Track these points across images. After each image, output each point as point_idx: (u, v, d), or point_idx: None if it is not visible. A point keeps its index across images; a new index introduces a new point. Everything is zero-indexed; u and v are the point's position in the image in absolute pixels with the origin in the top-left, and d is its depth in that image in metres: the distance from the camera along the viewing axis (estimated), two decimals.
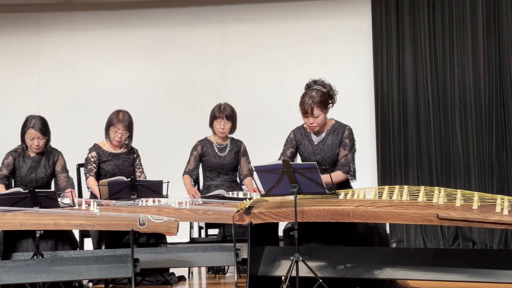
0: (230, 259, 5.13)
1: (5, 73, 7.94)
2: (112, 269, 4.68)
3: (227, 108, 6.20)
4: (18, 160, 5.54)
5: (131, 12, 7.99)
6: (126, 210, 5.02)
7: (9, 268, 4.57)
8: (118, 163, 5.94)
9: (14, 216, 4.68)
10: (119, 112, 5.94)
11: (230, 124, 6.20)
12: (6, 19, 7.99)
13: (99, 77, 7.95)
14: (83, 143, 6.20)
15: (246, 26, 7.91)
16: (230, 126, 6.21)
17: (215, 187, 6.11)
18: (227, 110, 6.18)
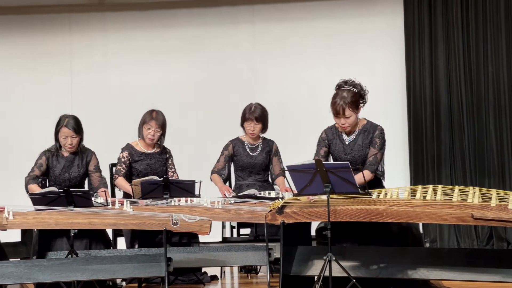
0: (263, 259, 5.12)
1: (38, 73, 8.02)
2: (145, 268, 4.70)
3: (257, 109, 6.19)
4: (51, 159, 5.59)
5: (162, 12, 8.03)
6: (159, 210, 5.04)
7: (44, 267, 4.61)
8: (150, 162, 5.97)
9: (49, 215, 4.72)
10: (153, 111, 5.98)
11: (260, 125, 6.20)
12: (39, 20, 8.07)
13: (131, 77, 7.99)
14: (115, 143, 6.24)
15: (277, 25, 7.90)
16: (261, 127, 6.21)
17: (246, 186, 6.11)
18: (257, 111, 6.17)
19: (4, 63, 8.02)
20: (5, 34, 8.02)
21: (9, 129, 7.93)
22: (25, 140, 7.78)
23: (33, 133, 7.75)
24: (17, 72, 8.02)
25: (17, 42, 8.02)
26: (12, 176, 6.32)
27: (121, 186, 5.89)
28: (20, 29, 8.02)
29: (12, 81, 8.01)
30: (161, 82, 7.94)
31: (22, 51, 8.02)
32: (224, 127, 7.40)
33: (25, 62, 8.02)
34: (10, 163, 7.34)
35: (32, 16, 8.05)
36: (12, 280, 4.57)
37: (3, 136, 7.85)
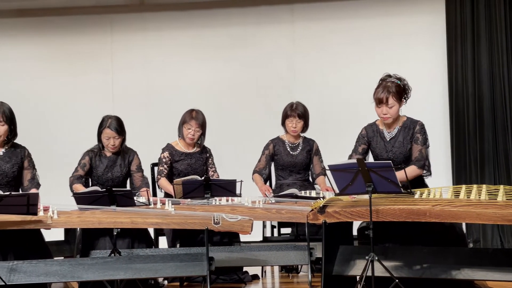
0: (304, 258, 5.11)
1: (80, 74, 8.10)
2: (187, 267, 4.72)
3: (299, 106, 6.19)
4: (94, 159, 5.64)
5: (202, 12, 8.05)
6: (200, 209, 5.05)
7: (88, 265, 4.65)
8: (191, 162, 5.99)
9: (93, 215, 4.76)
10: (193, 111, 6.00)
11: (302, 122, 6.19)
12: (81, 21, 8.15)
13: (171, 77, 8.03)
14: (157, 143, 6.27)
15: (317, 24, 7.87)
16: (302, 125, 6.20)
17: (287, 186, 6.11)
18: (299, 108, 6.18)
19: (46, 64, 8.12)
20: (48, 35, 8.12)
21: (52, 129, 8.03)
22: (68, 140, 7.87)
23: (75, 133, 7.83)
24: (59, 72, 8.11)
25: (59, 43, 8.12)
26: (55, 176, 6.38)
27: (164, 187, 5.93)
28: (62, 30, 8.11)
29: (54, 81, 8.10)
30: (200, 81, 7.97)
31: (64, 52, 8.10)
32: (263, 127, 7.41)
33: (66, 62, 8.11)
34: (53, 163, 7.42)
35: (73, 17, 8.13)
36: (56, 279, 4.61)
37: (47, 136, 7.95)
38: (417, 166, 4.97)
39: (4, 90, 7.86)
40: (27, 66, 8.12)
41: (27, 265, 4.57)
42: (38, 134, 7.70)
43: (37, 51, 8.12)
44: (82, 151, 5.74)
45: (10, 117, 5.07)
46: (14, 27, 8.14)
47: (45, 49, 8.12)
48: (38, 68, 8.12)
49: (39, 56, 8.12)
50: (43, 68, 8.12)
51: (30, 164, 5.18)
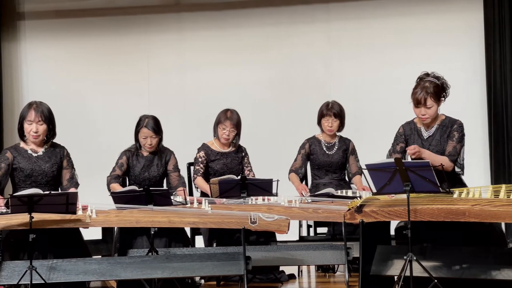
0: (341, 258, 5.09)
1: (116, 74, 8.17)
2: (224, 267, 4.72)
3: (335, 106, 6.18)
4: (132, 159, 5.68)
5: (237, 12, 8.07)
6: (237, 209, 5.06)
7: (126, 264, 4.68)
8: (226, 161, 6.01)
9: (130, 214, 4.78)
10: (228, 111, 6.01)
11: (338, 121, 6.17)
12: (117, 21, 8.22)
13: (206, 77, 8.06)
14: (192, 142, 6.29)
15: (352, 23, 7.85)
16: (338, 124, 6.19)
17: (323, 185, 6.10)
18: (335, 107, 6.16)
19: (83, 64, 8.20)
20: (85, 36, 8.20)
21: (90, 129, 8.11)
22: (105, 140, 7.94)
23: (112, 133, 7.90)
24: (96, 73, 8.18)
25: (95, 43, 8.19)
26: (93, 175, 6.45)
27: (200, 187, 5.94)
28: (99, 31, 8.19)
29: (91, 82, 8.18)
30: (236, 81, 7.98)
31: (101, 52, 8.18)
32: (299, 126, 7.40)
33: (103, 63, 8.18)
34: (91, 162, 7.49)
35: (110, 18, 8.20)
36: (95, 277, 4.65)
37: (84, 136, 8.03)
38: (449, 159, 4.93)
39: (43, 91, 7.96)
40: (65, 67, 8.21)
41: (66, 264, 4.61)
42: (76, 134, 7.77)
43: (75, 52, 8.20)
44: (119, 150, 5.78)
45: (49, 117, 5.11)
46: (51, 28, 8.23)
47: (82, 50, 8.20)
48: (75, 68, 8.20)
49: (77, 57, 8.20)
50: (80, 69, 8.20)
51: (69, 163, 5.22)
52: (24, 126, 5.09)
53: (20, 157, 5.07)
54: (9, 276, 4.54)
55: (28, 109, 5.08)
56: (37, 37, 8.22)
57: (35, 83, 8.22)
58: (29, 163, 5.06)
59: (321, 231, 6.44)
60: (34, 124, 5.05)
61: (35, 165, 5.07)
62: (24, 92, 8.24)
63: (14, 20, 8.22)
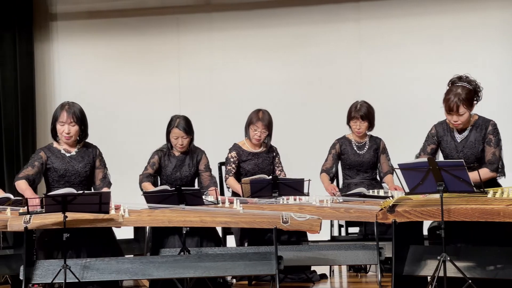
0: (373, 258, 5.06)
1: (148, 74, 8.21)
2: (256, 266, 4.72)
3: (362, 108, 6.14)
4: (163, 159, 5.70)
5: (267, 11, 8.06)
6: (268, 208, 5.05)
7: (159, 263, 4.70)
8: (258, 162, 6.01)
9: (162, 213, 4.80)
10: (259, 111, 6.00)
11: (366, 123, 6.15)
12: (148, 22, 8.26)
13: (237, 76, 8.07)
14: (224, 142, 6.31)
15: (383, 22, 7.80)
16: (367, 126, 6.16)
17: (355, 185, 6.07)
18: (362, 110, 6.13)
19: (115, 65, 8.25)
20: (116, 36, 8.25)
21: (121, 129, 8.16)
22: (137, 139, 7.98)
23: (144, 132, 7.94)
24: (127, 73, 8.23)
25: (126, 44, 8.24)
26: (124, 175, 6.48)
27: (231, 187, 5.95)
28: (130, 31, 8.23)
29: (122, 81, 8.23)
30: (266, 81, 7.98)
31: (132, 52, 8.22)
32: (329, 126, 7.37)
33: (135, 63, 8.23)
34: (123, 162, 7.53)
35: (141, 18, 8.25)
36: (128, 276, 4.68)
37: (116, 135, 8.08)
38: (490, 169, 4.86)
39: (75, 91, 8.03)
40: (96, 67, 8.27)
41: (99, 263, 4.65)
42: (108, 134, 7.82)
43: (106, 52, 8.26)
44: (151, 150, 5.80)
45: (81, 118, 5.15)
46: (83, 29, 8.30)
47: (113, 50, 8.25)
48: (107, 69, 8.26)
49: (108, 57, 8.26)
50: (111, 69, 8.26)
51: (102, 163, 5.26)
52: (57, 127, 5.13)
53: (53, 157, 5.12)
54: (43, 275, 4.59)
55: (60, 110, 5.12)
56: (69, 37, 8.29)
57: (67, 83, 8.29)
58: (63, 163, 5.11)
59: (352, 231, 6.42)
60: (67, 125, 5.09)
61: (68, 165, 5.11)
62: (56, 92, 8.31)
63: (46, 21, 8.29)
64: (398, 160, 4.50)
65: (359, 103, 6.16)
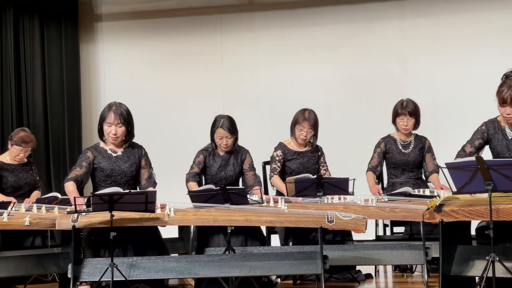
0: (419, 258, 5.01)
1: (191, 74, 8.25)
2: (301, 266, 4.71)
3: (409, 104, 6.09)
4: (208, 158, 5.72)
5: (310, 10, 8.04)
6: (313, 207, 5.04)
7: (204, 262, 4.71)
8: (303, 161, 5.99)
9: (208, 212, 4.81)
10: (305, 111, 5.98)
11: (413, 120, 6.09)
12: (191, 22, 8.29)
13: (280, 76, 8.06)
14: (267, 141, 6.31)
15: (428, 20, 7.73)
16: (414, 123, 6.10)
17: (399, 184, 6.03)
18: (410, 106, 6.08)
19: (158, 64, 8.31)
20: (160, 36, 8.31)
21: (166, 129, 8.21)
22: (181, 139, 8.03)
23: (187, 132, 7.99)
24: (170, 72, 8.28)
25: (170, 44, 8.29)
26: (169, 174, 6.52)
27: (276, 185, 5.94)
28: (174, 32, 8.28)
29: (165, 81, 8.28)
30: (310, 80, 7.96)
31: (176, 53, 8.27)
32: (374, 125, 7.33)
33: (178, 63, 8.27)
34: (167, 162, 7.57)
35: (184, 19, 8.29)
36: (174, 275, 4.70)
37: (161, 135, 8.14)
38: None
39: (120, 91, 8.11)
40: (140, 67, 8.34)
41: (146, 261, 4.68)
42: (152, 134, 7.88)
43: (150, 52, 8.32)
44: (195, 150, 5.83)
45: (128, 119, 5.19)
46: (128, 30, 8.37)
47: (157, 50, 8.31)
48: (150, 68, 8.32)
49: (152, 57, 8.32)
50: (155, 69, 8.32)
51: (147, 163, 5.30)
52: (104, 128, 5.18)
53: (100, 157, 5.17)
54: (91, 273, 4.63)
55: (108, 111, 5.16)
56: (114, 38, 8.37)
57: (112, 83, 8.37)
58: (109, 163, 5.15)
59: (397, 230, 6.37)
60: (113, 126, 5.14)
61: (114, 165, 5.16)
62: (101, 92, 8.40)
63: (92, 22, 8.39)
64: (443, 159, 4.45)
65: (405, 100, 6.12)
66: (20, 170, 6.26)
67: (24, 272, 5.08)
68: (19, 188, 6.21)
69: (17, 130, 6.36)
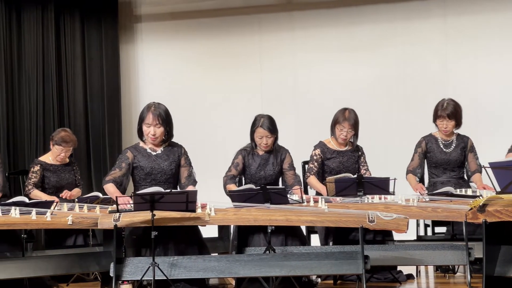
0: (462, 258, 4.95)
1: (230, 73, 8.25)
2: (342, 265, 4.69)
3: (449, 106, 6.02)
4: (247, 158, 5.72)
5: (349, 9, 8.00)
6: (353, 207, 5.02)
7: (245, 262, 4.71)
8: (343, 160, 5.96)
9: (248, 212, 4.82)
10: (345, 110, 5.95)
11: (453, 122, 6.03)
12: (230, 22, 8.30)
13: (319, 75, 8.03)
14: (307, 141, 6.29)
15: (470, 18, 7.63)
16: (454, 124, 6.04)
17: (441, 184, 5.97)
18: (449, 108, 6.01)
19: (196, 65, 8.33)
20: (198, 36, 8.33)
21: (205, 128, 8.23)
22: (221, 138, 8.05)
23: (227, 132, 8.00)
24: (209, 73, 8.30)
25: (209, 44, 8.30)
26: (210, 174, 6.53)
27: (312, 186, 5.92)
28: (212, 32, 8.30)
29: (205, 81, 8.30)
30: (349, 79, 7.92)
31: (214, 53, 8.28)
32: (415, 125, 7.27)
33: (216, 63, 8.28)
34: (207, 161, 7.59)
35: (223, 19, 8.30)
36: (215, 274, 4.71)
37: (200, 135, 8.15)
38: None
39: (159, 91, 8.15)
40: (179, 68, 8.38)
41: (187, 261, 4.70)
42: (191, 133, 7.90)
43: (189, 53, 8.35)
44: (234, 149, 5.83)
45: (166, 119, 5.21)
46: (167, 30, 8.41)
47: (196, 50, 8.33)
48: (190, 69, 8.35)
49: (191, 57, 8.35)
50: (194, 69, 8.34)
51: (187, 161, 5.32)
52: (143, 128, 5.22)
53: (140, 156, 5.20)
54: (132, 272, 4.67)
55: (146, 112, 5.19)
56: (153, 39, 8.42)
57: (151, 83, 8.42)
58: (149, 162, 5.18)
59: (439, 230, 6.30)
60: (152, 127, 5.17)
61: (154, 164, 5.19)
62: (141, 93, 8.45)
63: (131, 23, 8.45)
64: (486, 158, 4.40)
65: (445, 101, 6.04)
66: (62, 171, 6.33)
67: (67, 270, 5.14)
68: (61, 188, 6.28)
69: (58, 130, 6.44)
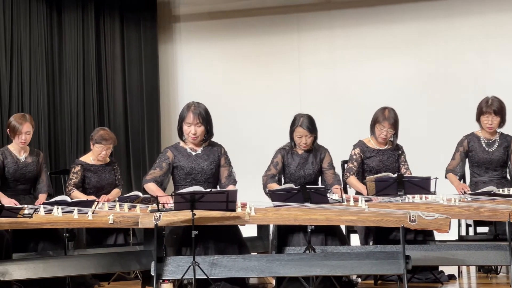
0: (505, 259, 4.89)
1: (268, 72, 8.26)
2: (383, 265, 4.66)
3: (495, 102, 5.93)
4: (286, 157, 5.71)
5: (389, 8, 7.96)
6: (394, 207, 4.98)
7: (285, 261, 4.71)
8: (382, 159, 5.92)
9: (288, 211, 4.81)
10: (385, 109, 5.89)
11: (499, 119, 5.94)
12: (268, 21, 8.31)
13: (358, 74, 8.00)
14: (346, 140, 6.25)
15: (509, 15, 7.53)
16: (499, 121, 5.96)
17: (483, 183, 5.89)
18: (495, 104, 5.92)
19: (236, 64, 8.36)
20: (237, 36, 8.35)
21: (244, 127, 8.25)
22: (260, 138, 8.05)
23: (265, 130, 8.00)
24: (248, 72, 8.32)
25: (247, 43, 8.33)
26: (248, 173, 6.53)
27: (352, 186, 5.87)
28: (251, 31, 8.31)
29: (244, 80, 8.32)
30: (389, 78, 7.87)
31: (253, 52, 8.30)
32: (455, 123, 7.19)
33: (256, 62, 8.30)
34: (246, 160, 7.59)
35: (262, 18, 8.31)
36: (254, 273, 4.72)
37: (240, 134, 8.18)
38: None
39: (198, 90, 8.18)
40: (218, 67, 8.41)
41: (227, 260, 4.70)
42: (231, 132, 7.92)
43: (227, 52, 8.38)
44: (273, 148, 5.82)
45: (206, 118, 5.23)
46: (205, 30, 8.44)
47: (235, 49, 8.36)
48: (228, 68, 8.38)
49: (230, 57, 8.37)
50: (233, 68, 8.36)
51: (227, 161, 5.33)
52: (183, 128, 5.23)
53: (180, 156, 5.22)
54: (173, 271, 4.69)
55: (187, 111, 5.21)
56: (192, 38, 8.46)
57: (190, 83, 8.46)
58: (189, 161, 5.20)
59: (481, 230, 6.22)
60: (193, 126, 5.19)
61: (194, 163, 5.20)
62: (180, 92, 8.49)
63: (170, 23, 8.50)
64: None
65: (490, 98, 5.96)
66: (103, 171, 6.37)
67: (108, 269, 5.19)
68: (101, 188, 6.32)
69: (96, 129, 6.48)
